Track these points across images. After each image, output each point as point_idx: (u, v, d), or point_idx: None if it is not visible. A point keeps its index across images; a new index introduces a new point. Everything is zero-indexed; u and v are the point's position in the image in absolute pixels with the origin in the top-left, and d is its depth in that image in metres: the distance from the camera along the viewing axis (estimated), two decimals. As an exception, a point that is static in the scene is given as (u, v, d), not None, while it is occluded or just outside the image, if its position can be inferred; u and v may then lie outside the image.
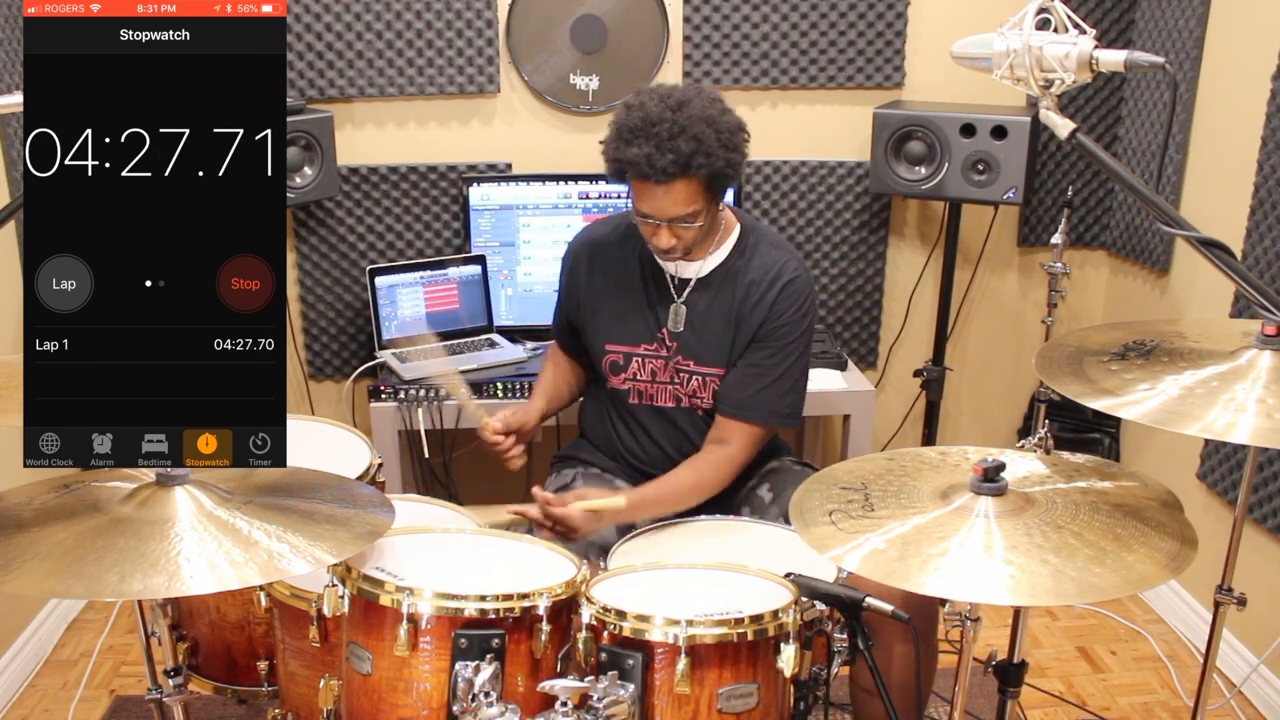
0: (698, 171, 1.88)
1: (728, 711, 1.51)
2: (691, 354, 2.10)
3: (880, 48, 3.13)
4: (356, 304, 3.22)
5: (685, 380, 2.12)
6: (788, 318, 2.05)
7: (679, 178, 1.88)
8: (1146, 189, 1.48)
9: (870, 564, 1.36)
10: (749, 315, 2.06)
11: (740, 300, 2.07)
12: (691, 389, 2.12)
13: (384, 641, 1.51)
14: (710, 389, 2.11)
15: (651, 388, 2.15)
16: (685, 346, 2.10)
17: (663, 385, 2.14)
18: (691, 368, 2.11)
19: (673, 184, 1.89)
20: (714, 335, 2.09)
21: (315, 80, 3.04)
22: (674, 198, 1.91)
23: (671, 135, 1.86)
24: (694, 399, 2.13)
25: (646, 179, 1.89)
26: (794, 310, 2.05)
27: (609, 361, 2.15)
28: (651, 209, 1.94)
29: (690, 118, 1.87)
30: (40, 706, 2.61)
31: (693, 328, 2.10)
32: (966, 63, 1.57)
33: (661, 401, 2.15)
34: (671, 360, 2.12)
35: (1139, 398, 1.47)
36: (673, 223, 1.95)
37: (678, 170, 1.87)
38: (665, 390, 2.14)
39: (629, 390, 2.16)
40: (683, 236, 1.98)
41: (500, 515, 1.99)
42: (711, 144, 1.87)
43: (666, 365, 2.13)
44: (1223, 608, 1.83)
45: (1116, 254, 3.30)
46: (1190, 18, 2.81)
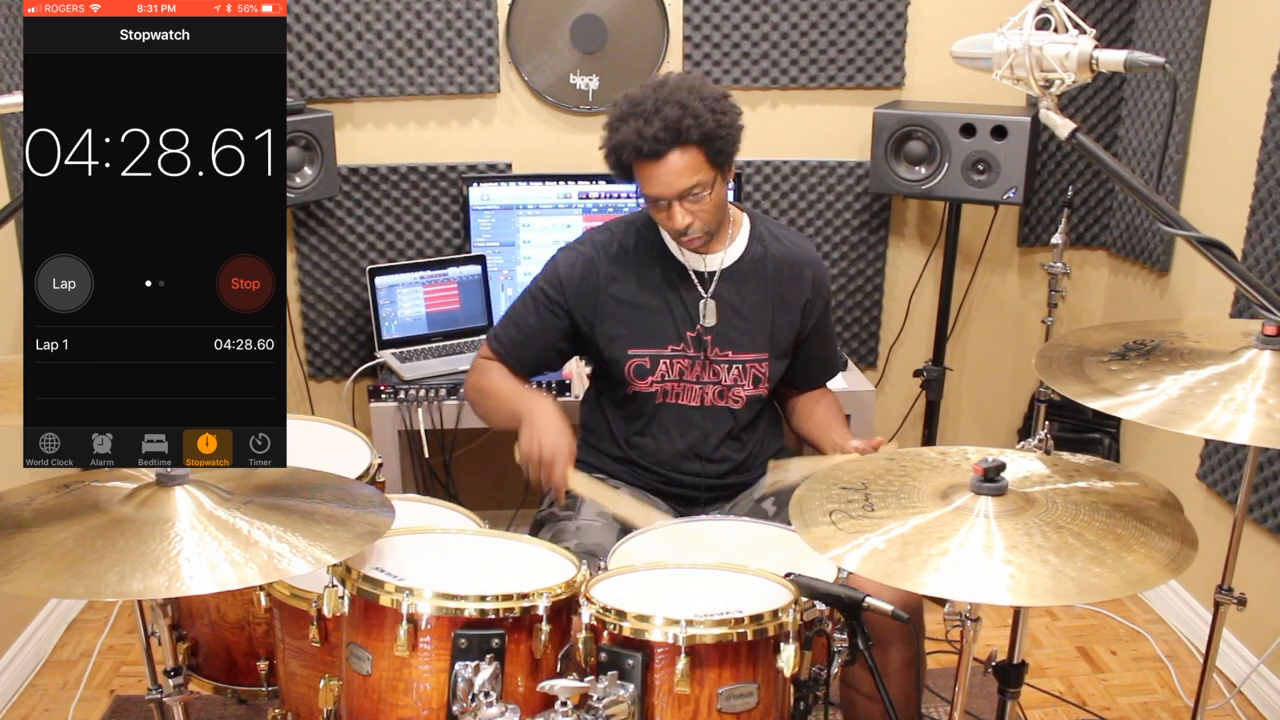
0: (689, 135, 1.91)
1: (728, 711, 1.51)
2: (729, 344, 2.13)
3: (880, 48, 3.13)
4: (356, 304, 3.22)
5: (724, 371, 2.13)
6: (824, 290, 2.23)
7: (674, 146, 1.92)
8: (1146, 189, 1.48)
9: (870, 564, 1.36)
10: (789, 296, 2.16)
11: (774, 283, 2.14)
12: (732, 378, 2.14)
13: (384, 642, 1.51)
14: (751, 374, 2.14)
15: (679, 387, 2.15)
16: (721, 338, 2.13)
17: (690, 384, 2.15)
18: (730, 357, 2.13)
19: (669, 155, 1.92)
20: (750, 321, 2.13)
21: (315, 80, 3.04)
22: (674, 169, 1.93)
23: (656, 108, 1.91)
24: (731, 390, 2.15)
25: (643, 156, 1.93)
26: (826, 283, 2.24)
27: (633, 366, 2.14)
28: (657, 189, 1.96)
29: (672, 89, 1.93)
30: (40, 706, 2.61)
31: (727, 317, 2.12)
32: (966, 63, 1.57)
33: (687, 400, 2.16)
34: (703, 355, 2.13)
35: (1139, 398, 1.47)
36: (682, 199, 1.97)
37: (670, 137, 1.91)
38: (693, 389, 2.15)
39: (656, 392, 2.16)
40: (696, 214, 1.99)
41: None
42: (697, 107, 1.91)
43: (694, 363, 2.13)
44: (1223, 608, 1.83)
45: (1116, 254, 3.30)
46: (1190, 18, 2.81)
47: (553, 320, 2.16)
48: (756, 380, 2.16)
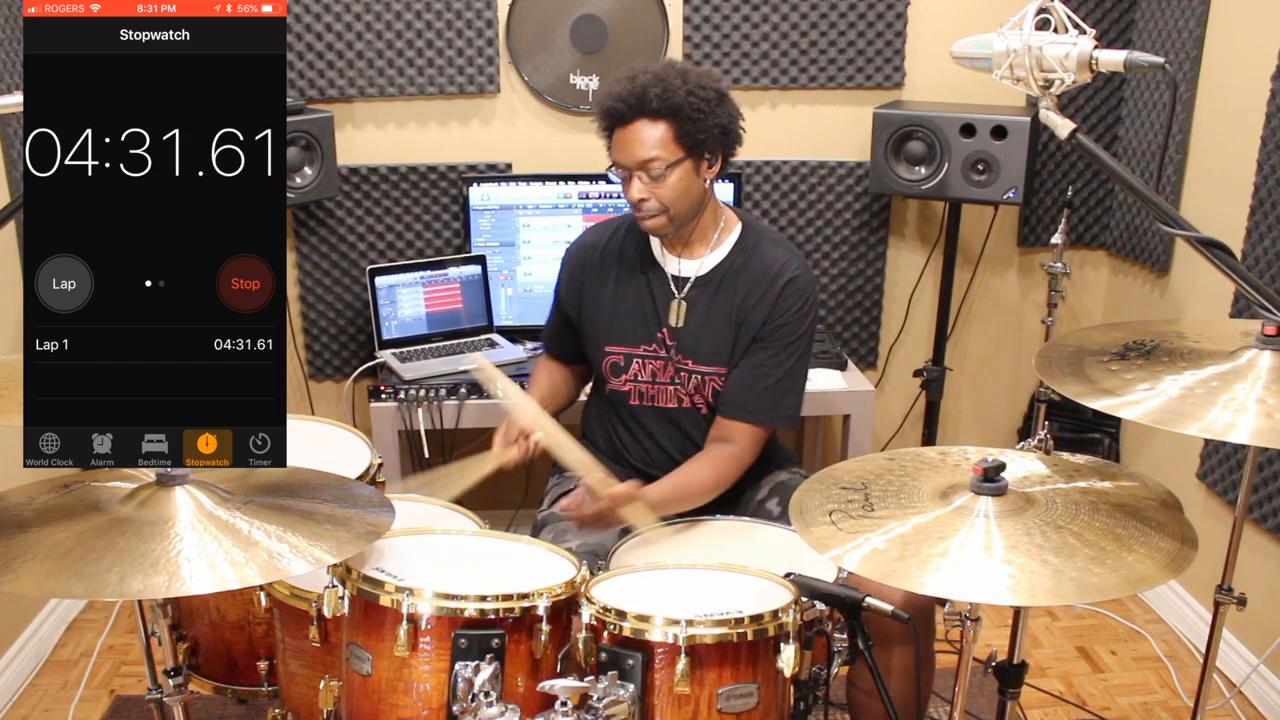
0: (652, 104, 1.91)
1: (728, 711, 1.51)
2: (691, 353, 2.10)
3: (880, 48, 3.13)
4: (356, 304, 3.22)
5: (686, 379, 2.11)
6: (789, 317, 2.03)
7: (640, 115, 1.92)
8: (1146, 189, 1.49)
9: (870, 564, 1.36)
10: (750, 314, 2.05)
11: (741, 299, 2.06)
12: (693, 388, 2.11)
13: (384, 642, 1.51)
14: (710, 388, 2.10)
15: (653, 389, 2.14)
16: (685, 346, 2.10)
17: (663, 386, 2.13)
18: (691, 367, 2.10)
19: (635, 122, 1.93)
20: (714, 334, 2.08)
21: (315, 80, 3.04)
22: (637, 138, 1.93)
23: (635, 75, 1.94)
24: (695, 398, 2.13)
25: (612, 120, 1.96)
26: (796, 309, 2.04)
27: (609, 363, 2.15)
28: (619, 154, 1.98)
29: (662, 66, 1.95)
30: (40, 706, 2.62)
31: (693, 326, 2.09)
32: (966, 63, 1.57)
33: (664, 402, 2.15)
34: (672, 360, 2.11)
35: (1139, 398, 1.47)
36: (641, 170, 1.95)
37: (635, 101, 1.92)
38: (667, 390, 2.14)
39: (630, 392, 2.15)
40: (655, 192, 1.96)
41: None
42: (674, 83, 1.91)
43: (666, 365, 2.12)
44: (1223, 608, 1.83)
45: (1116, 254, 3.30)
46: (1190, 18, 2.81)
47: (564, 309, 2.23)
48: (715, 394, 2.09)
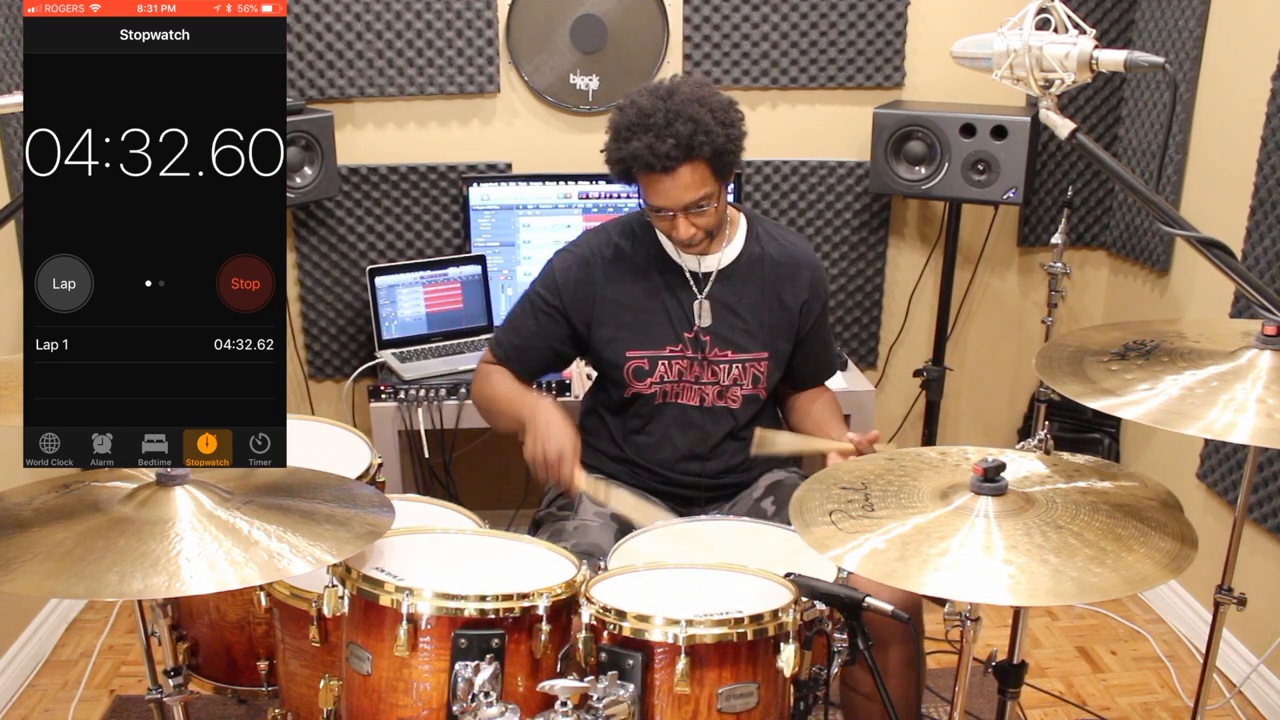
0: (700, 151, 1.90)
1: (728, 711, 1.51)
2: (728, 344, 2.13)
3: (880, 48, 3.13)
4: (356, 304, 3.22)
5: (723, 372, 2.13)
6: (822, 290, 2.22)
7: (684, 162, 1.91)
8: (1146, 189, 1.48)
9: (870, 564, 1.36)
10: (786, 296, 2.16)
11: (771, 283, 2.14)
12: (731, 378, 2.14)
13: (384, 642, 1.51)
14: (751, 374, 2.14)
15: (678, 387, 2.15)
16: (720, 338, 2.12)
17: (689, 384, 2.15)
18: (730, 357, 2.13)
19: (679, 170, 1.91)
20: (748, 320, 2.13)
21: (315, 80, 3.04)
22: (683, 184, 1.93)
23: (668, 122, 1.89)
24: (729, 390, 2.15)
25: (653, 170, 1.92)
26: (825, 285, 2.25)
27: (632, 368, 2.14)
28: (664, 200, 1.96)
29: (682, 101, 1.91)
30: (40, 706, 2.62)
31: (725, 319, 2.12)
32: (966, 63, 1.57)
33: (687, 400, 2.16)
34: (702, 356, 2.12)
35: (1139, 398, 1.47)
36: (688, 211, 1.97)
37: (681, 154, 1.90)
38: (692, 389, 2.15)
39: (655, 393, 2.15)
40: (700, 224, 2.00)
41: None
42: (708, 122, 1.90)
43: (693, 364, 2.13)
44: (1223, 608, 1.83)
45: (1116, 254, 3.30)
46: (1190, 18, 2.81)
47: (551, 325, 2.15)
48: (755, 380, 2.15)
